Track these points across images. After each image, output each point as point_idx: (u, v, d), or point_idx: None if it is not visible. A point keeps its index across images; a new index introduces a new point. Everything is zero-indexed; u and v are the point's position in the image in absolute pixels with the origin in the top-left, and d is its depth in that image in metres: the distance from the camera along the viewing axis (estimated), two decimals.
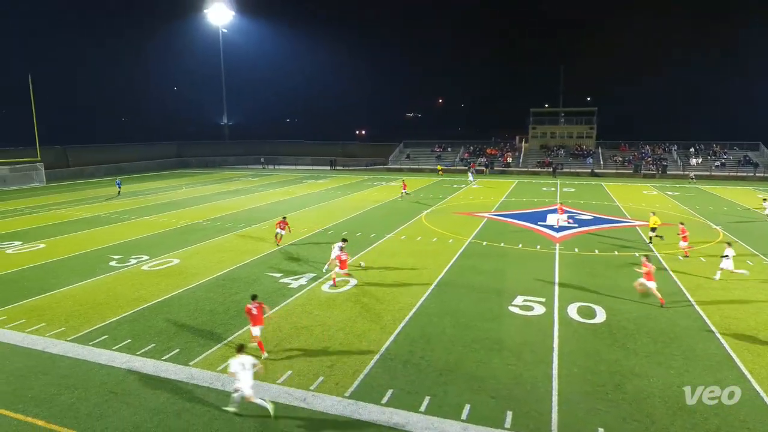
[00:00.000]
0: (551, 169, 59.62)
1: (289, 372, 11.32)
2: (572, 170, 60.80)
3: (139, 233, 26.51)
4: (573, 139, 68.36)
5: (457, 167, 65.24)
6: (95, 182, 54.22)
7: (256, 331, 12.10)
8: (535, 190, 44.96)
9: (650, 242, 23.29)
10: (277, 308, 15.19)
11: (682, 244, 20.91)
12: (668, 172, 57.73)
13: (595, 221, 29.33)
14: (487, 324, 13.95)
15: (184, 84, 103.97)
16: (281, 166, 74.04)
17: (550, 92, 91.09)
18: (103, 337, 13.22)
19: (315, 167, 72.60)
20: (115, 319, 14.51)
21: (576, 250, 22.31)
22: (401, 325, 13.91)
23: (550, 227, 27.25)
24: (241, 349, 9.97)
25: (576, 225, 27.99)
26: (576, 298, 15.92)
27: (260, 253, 21.85)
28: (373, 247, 22.97)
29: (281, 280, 17.96)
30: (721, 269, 17.87)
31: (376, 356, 12.05)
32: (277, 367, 11.54)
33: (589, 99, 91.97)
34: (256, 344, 12.09)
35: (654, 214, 23.69)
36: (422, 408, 9.87)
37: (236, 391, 9.66)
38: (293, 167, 73.23)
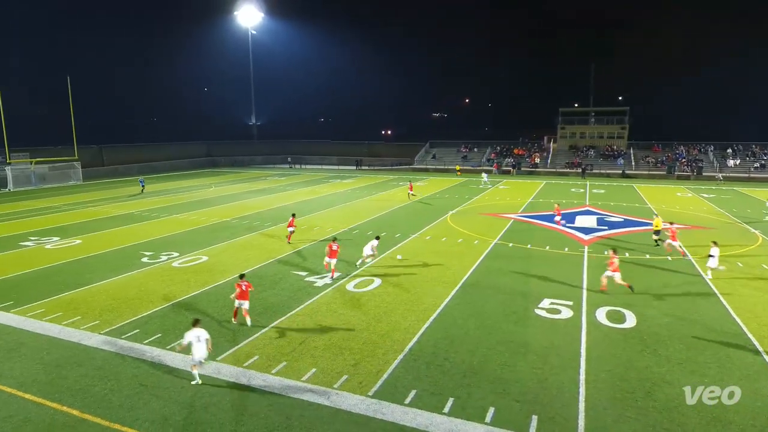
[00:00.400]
0: (580, 170, 58.44)
1: (314, 370, 11.42)
2: (602, 171, 59.46)
3: (170, 230, 27.20)
4: (603, 140, 66.84)
5: (483, 167, 64.63)
6: (129, 180, 55.87)
7: (245, 305, 13.85)
8: (563, 191, 44.15)
9: (657, 245, 22.60)
10: (301, 306, 15.36)
11: (674, 243, 21.03)
12: (704, 174, 55.84)
13: (626, 224, 28.61)
14: (513, 326, 13.78)
15: (214, 85, 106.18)
16: (307, 166, 74.78)
17: (580, 91, 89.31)
18: (135, 331, 13.62)
19: (341, 167, 73.05)
20: (146, 313, 14.92)
21: (606, 252, 21.81)
22: (425, 325, 13.87)
23: (579, 229, 26.70)
24: (196, 322, 11.10)
25: (606, 227, 27.36)
26: (605, 302, 15.57)
27: (286, 252, 22.12)
28: (398, 247, 22.97)
29: (306, 279, 18.14)
30: (709, 268, 18.03)
31: (400, 356, 12.05)
32: (301, 365, 11.66)
33: (620, 98, 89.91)
34: (241, 315, 13.99)
35: (657, 216, 23.28)
36: (445, 409, 9.82)
37: (197, 362, 10.85)
38: (319, 167, 73.86)
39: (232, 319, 14.17)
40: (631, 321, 14.10)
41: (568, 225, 27.83)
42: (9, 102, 46.36)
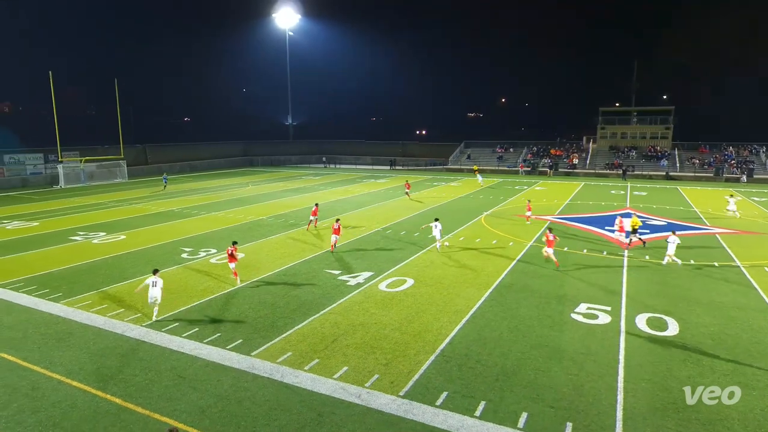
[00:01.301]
0: (621, 172, 56.61)
1: (345, 368, 11.51)
2: (644, 173, 57.42)
3: (209, 228, 27.98)
4: (646, 140, 64.54)
5: (518, 168, 63.50)
6: (171, 179, 57.81)
7: (232, 266, 17.56)
8: (602, 193, 42.90)
9: (629, 242, 22.62)
10: (334, 305, 15.51)
11: (628, 235, 22.72)
12: (754, 176, 53.09)
13: (669, 227, 27.51)
14: (547, 330, 13.49)
15: (253, 85, 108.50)
16: (342, 165, 75.40)
17: (622, 90, 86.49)
18: (174, 325, 14.08)
19: (375, 167, 73.32)
20: (185, 308, 15.41)
21: (647, 257, 21.07)
22: (458, 327, 13.76)
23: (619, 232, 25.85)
24: (155, 271, 14.63)
25: (647, 231, 26.40)
26: (646, 309, 15.03)
27: (320, 250, 22.39)
28: (431, 247, 22.86)
29: (339, 277, 18.31)
30: (668, 256, 19.45)
31: (432, 357, 12.00)
32: (333, 363, 11.77)
33: (665, 97, 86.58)
34: (233, 276, 17.60)
35: (635, 214, 23.28)
36: (477, 413, 9.72)
37: (152, 301, 14.24)
38: (353, 167, 74.35)
39: (235, 278, 17.69)
40: (673, 329, 13.56)
41: (607, 228, 27.01)
42: (60, 104, 48.73)
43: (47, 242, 24.80)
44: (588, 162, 63.09)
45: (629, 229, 22.82)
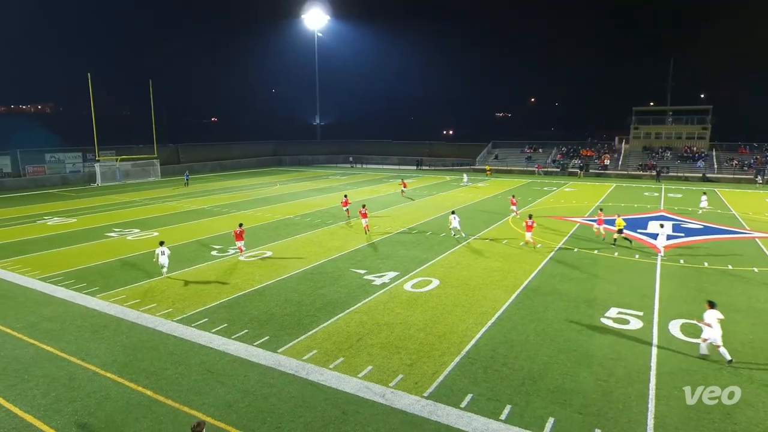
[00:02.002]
0: (655, 173, 54.98)
1: (370, 367, 11.54)
2: (679, 174, 55.60)
3: (238, 226, 28.43)
4: (682, 140, 62.47)
5: (548, 168, 62.42)
6: (201, 177, 59.14)
7: (239, 243, 21.57)
8: (635, 194, 41.75)
9: (615, 242, 23.13)
10: (359, 304, 15.57)
11: (598, 226, 24.08)
12: None
13: (706, 231, 26.59)
14: (576, 335, 13.21)
15: (282, 86, 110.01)
16: (369, 165, 75.62)
17: (656, 89, 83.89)
18: (204, 320, 14.40)
19: (401, 167, 73.26)
20: (214, 304, 15.74)
21: (681, 261, 20.40)
22: (483, 329, 13.62)
23: (652, 235, 25.14)
24: (162, 243, 18.69)
25: (682, 234, 25.57)
26: (679, 315, 14.56)
27: (346, 250, 22.51)
28: (457, 248, 22.71)
29: (365, 277, 18.37)
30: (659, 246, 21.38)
31: (457, 359, 11.91)
32: (358, 362, 11.82)
33: (702, 96, 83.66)
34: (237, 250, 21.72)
35: (619, 215, 23.91)
36: (503, 416, 9.59)
37: (162, 266, 18.34)
38: (380, 166, 74.47)
39: (239, 250, 21.78)
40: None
41: (639, 231, 26.28)
42: (98, 104, 50.43)
43: (84, 238, 25.72)
44: (620, 163, 61.50)
45: (616, 228, 23.00)
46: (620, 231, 22.86)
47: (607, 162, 61.42)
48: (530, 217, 23.42)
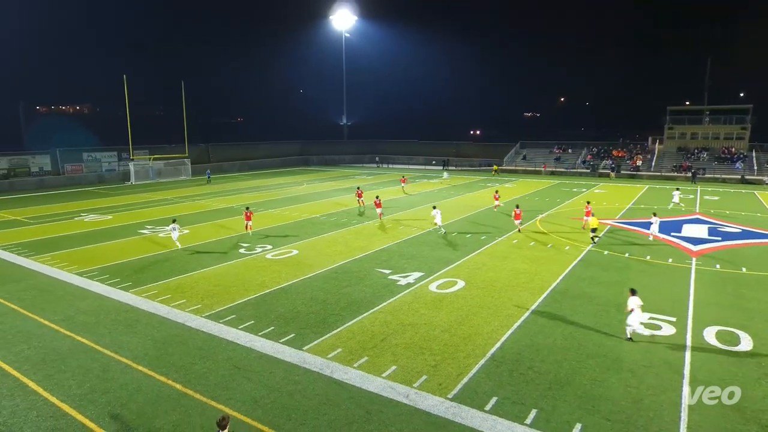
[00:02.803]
0: (690, 174, 53.24)
1: (394, 367, 11.55)
2: (716, 176, 53.68)
3: (265, 224, 28.93)
4: (719, 141, 60.27)
5: (578, 169, 61.19)
6: (231, 176, 60.27)
7: (248, 223, 25.47)
8: (668, 196, 40.47)
9: (593, 241, 23.51)
10: (384, 304, 15.59)
11: (586, 218, 25.81)
12: None
13: (744, 235, 25.59)
14: (605, 339, 12.91)
15: (309, 86, 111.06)
16: (395, 165, 75.62)
17: (692, 88, 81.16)
18: (231, 317, 14.67)
19: (428, 167, 73.02)
20: (241, 301, 16.02)
21: (717, 266, 19.70)
22: (509, 331, 13.45)
23: (687, 239, 24.36)
24: (174, 221, 23.23)
25: (719, 238, 24.68)
26: (715, 321, 14.06)
27: (371, 249, 22.57)
28: (483, 249, 22.49)
29: (390, 277, 18.38)
30: (651, 234, 23.64)
31: (482, 361, 11.80)
32: (382, 361, 11.84)
33: (742, 95, 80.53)
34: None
35: (594, 215, 24.80)
36: (528, 421, 9.46)
37: (175, 240, 22.95)
38: (406, 166, 74.38)
39: (248, 231, 25.67)
40: (746, 344, 12.60)
41: (673, 234, 25.50)
42: (133, 105, 51.96)
43: (119, 235, 26.55)
44: (653, 164, 59.78)
45: (593, 227, 23.80)
46: (593, 230, 23.71)
47: (639, 163, 59.80)
48: (517, 206, 26.92)
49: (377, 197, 31.16)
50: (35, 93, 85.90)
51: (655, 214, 24.65)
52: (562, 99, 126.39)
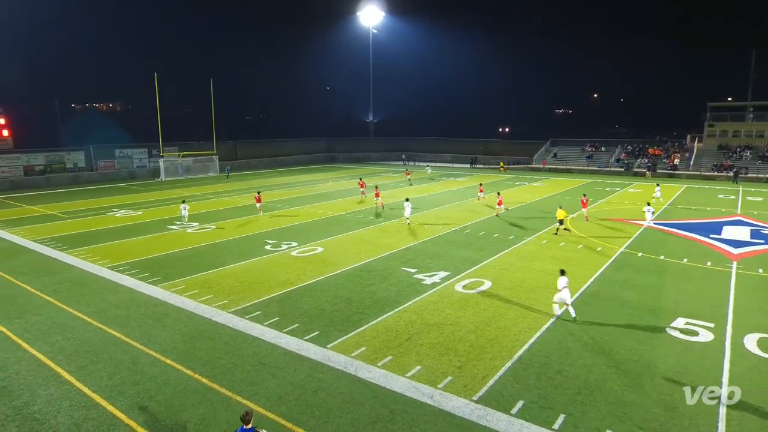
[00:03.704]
0: (731, 174, 51.33)
1: (418, 367, 11.54)
2: (760, 175, 51.60)
3: (291, 221, 29.30)
4: (764, 139, 57.87)
5: (612, 168, 59.76)
6: (258, 173, 61.21)
7: (258, 205, 30.83)
8: (708, 197, 39.17)
9: (557, 233, 24.87)
10: (409, 303, 15.59)
11: (583, 210, 29.41)
12: None
13: None
14: (638, 345, 12.60)
15: (336, 83, 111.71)
16: (421, 163, 75.42)
17: (735, 83, 78.16)
18: (257, 313, 14.93)
19: (455, 165, 72.56)
20: (267, 297, 16.28)
21: (760, 270, 18.96)
22: (537, 334, 13.27)
23: (727, 241, 23.50)
24: (183, 201, 28.43)
25: (762, 241, 23.73)
26: (757, 328, 13.54)
27: (396, 248, 22.59)
28: (510, 249, 22.23)
29: (415, 276, 18.37)
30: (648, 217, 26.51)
31: (508, 363, 11.68)
32: (406, 361, 11.85)
33: None
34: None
35: (561, 207, 26.11)
36: (556, 426, 9.32)
37: (184, 218, 28.33)
38: (433, 164, 74.07)
39: (259, 212, 30.76)
40: None
41: (712, 236, 24.64)
42: (163, 102, 53.31)
43: (149, 230, 27.33)
44: (692, 163, 57.87)
45: (560, 217, 25.13)
46: (561, 222, 24.99)
47: (677, 161, 57.99)
48: (498, 194, 31.07)
49: (376, 187, 36.33)
50: (71, 91, 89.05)
51: (649, 204, 28.26)
52: (596, 95, 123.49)
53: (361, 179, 41.17)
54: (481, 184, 38.63)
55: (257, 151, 73.22)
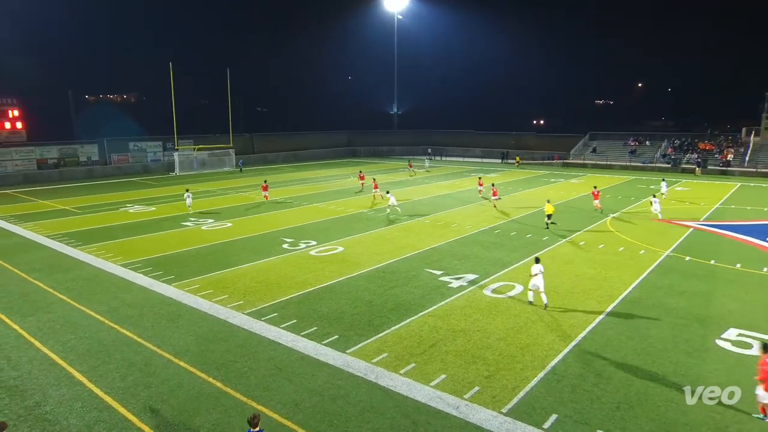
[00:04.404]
0: None
1: (443, 376, 11.50)
2: None
3: (310, 219, 29.53)
4: None
5: (657, 164, 58.33)
6: (276, 168, 61.89)
7: (265, 193, 35.05)
8: (765, 196, 37.87)
9: (547, 227, 26.24)
10: (434, 307, 15.54)
11: (595, 202, 31.05)
12: None
13: None
14: (684, 357, 12.28)
15: (358, 73, 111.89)
16: (448, 158, 75.06)
17: None
18: (273, 315, 15.10)
19: (485, 159, 71.98)
20: (284, 298, 16.45)
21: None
22: (573, 343, 13.06)
23: None
24: (187, 190, 32.18)
25: None
26: None
27: (421, 248, 22.54)
28: (545, 251, 21.93)
29: (441, 278, 18.29)
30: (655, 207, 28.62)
31: (541, 374, 11.53)
32: (430, 369, 11.82)
33: None
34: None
35: (549, 201, 27.38)
36: None
37: (188, 206, 31.43)
38: (461, 159, 73.64)
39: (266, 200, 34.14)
40: None
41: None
42: (178, 94, 54.31)
43: (162, 227, 27.93)
44: (747, 158, 56.01)
45: (548, 212, 26.36)
46: (549, 216, 26.24)
47: (730, 157, 56.21)
48: (480, 177, 37.41)
49: (374, 179, 38.09)
50: (85, 82, 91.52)
51: (654, 196, 30.71)
52: (640, 84, 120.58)
53: (360, 172, 44.17)
54: (480, 177, 40.97)
55: (275, 145, 74.00)
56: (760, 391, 9.84)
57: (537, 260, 15.87)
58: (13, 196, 40.47)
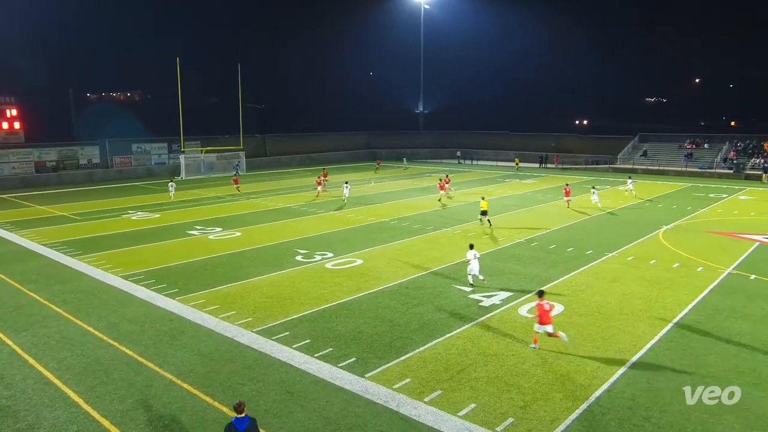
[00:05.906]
0: None
1: (473, 405, 11.39)
2: None
3: (326, 228, 29.70)
4: None
5: (717, 169, 57.13)
6: (290, 172, 62.54)
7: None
8: None
9: (481, 223, 29.93)
10: (463, 328, 15.44)
11: (566, 198, 35.89)
12: None
13: None
14: (750, 388, 11.93)
15: (380, 68, 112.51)
16: (480, 162, 74.79)
17: None
18: (285, 334, 15.18)
19: (521, 164, 71.48)
20: (297, 316, 16.54)
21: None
22: (620, 371, 12.81)
23: None
24: (173, 178, 38.71)
25: None
26: None
27: (449, 262, 22.45)
28: (588, 267, 21.63)
29: (471, 296, 18.18)
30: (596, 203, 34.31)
31: (583, 405, 11.33)
32: (458, 397, 11.72)
33: None
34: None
35: (483, 198, 30.58)
36: None
37: (171, 194, 39.05)
38: (494, 163, 73.29)
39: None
40: None
41: None
42: (185, 91, 55.31)
43: (166, 235, 28.43)
44: None
45: (483, 208, 29.66)
46: (484, 213, 29.34)
47: None
48: (447, 176, 41.40)
49: (441, 178, 41.15)
50: (86, 79, 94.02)
51: (594, 187, 37.29)
52: (698, 80, 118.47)
53: (324, 171, 49.02)
54: (447, 176, 45.05)
55: (289, 147, 74.82)
56: (537, 326, 13.96)
57: (471, 247, 19.07)
58: (9, 201, 41.73)
